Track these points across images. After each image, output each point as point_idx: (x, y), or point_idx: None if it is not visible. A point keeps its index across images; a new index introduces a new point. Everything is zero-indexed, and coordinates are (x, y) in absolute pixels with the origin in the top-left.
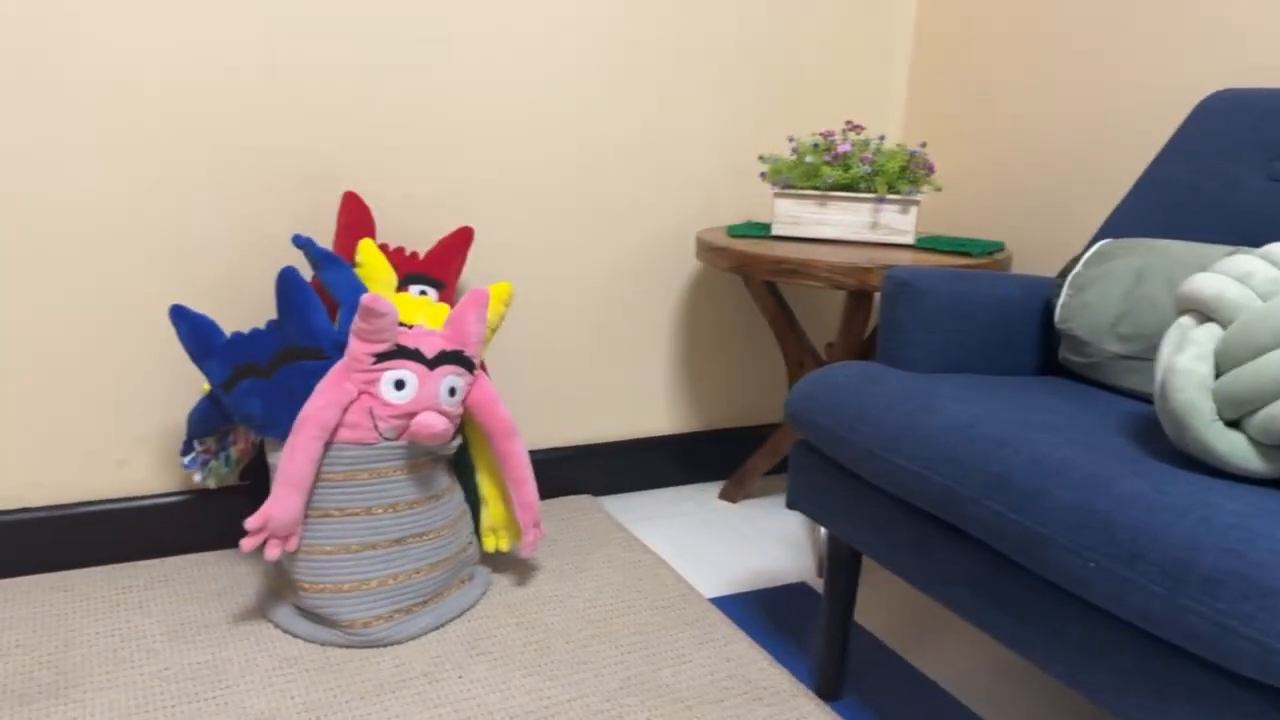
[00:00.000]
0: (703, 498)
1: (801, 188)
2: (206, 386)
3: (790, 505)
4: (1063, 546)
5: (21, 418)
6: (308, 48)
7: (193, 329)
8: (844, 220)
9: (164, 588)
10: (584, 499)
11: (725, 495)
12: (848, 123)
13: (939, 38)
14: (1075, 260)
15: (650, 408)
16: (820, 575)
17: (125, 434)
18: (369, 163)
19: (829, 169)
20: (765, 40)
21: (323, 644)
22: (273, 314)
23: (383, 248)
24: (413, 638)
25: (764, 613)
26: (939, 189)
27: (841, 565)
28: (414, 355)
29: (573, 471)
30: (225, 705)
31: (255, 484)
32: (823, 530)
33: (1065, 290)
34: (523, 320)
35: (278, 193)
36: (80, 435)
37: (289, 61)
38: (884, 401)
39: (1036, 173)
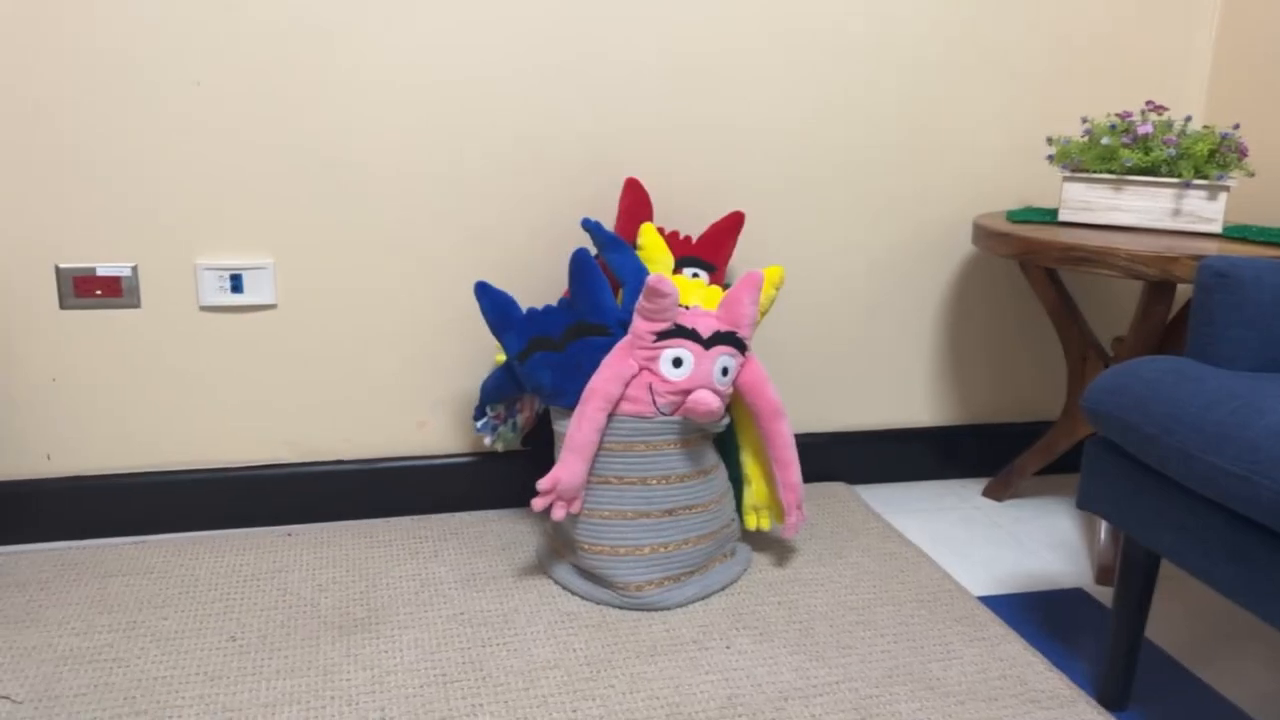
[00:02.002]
0: (965, 493)
1: (1095, 171)
2: (500, 357)
3: (1081, 505)
4: None
5: (341, 382)
6: (597, 44)
7: (494, 304)
8: (1142, 206)
9: (454, 540)
10: (839, 486)
11: (990, 493)
12: (1148, 103)
13: (1251, 3)
14: None
15: (913, 398)
16: (1099, 582)
17: (425, 399)
18: (649, 150)
19: (1127, 151)
20: (1050, 14)
21: (598, 603)
22: (556, 290)
23: (659, 231)
24: (680, 605)
25: (1036, 616)
26: (1251, 174)
27: (1136, 570)
28: (691, 335)
29: (829, 458)
30: (514, 651)
31: (536, 449)
32: (1103, 535)
33: None
34: (789, 304)
35: (565, 178)
36: (387, 399)
37: (579, 57)
38: (1202, 400)
39: None
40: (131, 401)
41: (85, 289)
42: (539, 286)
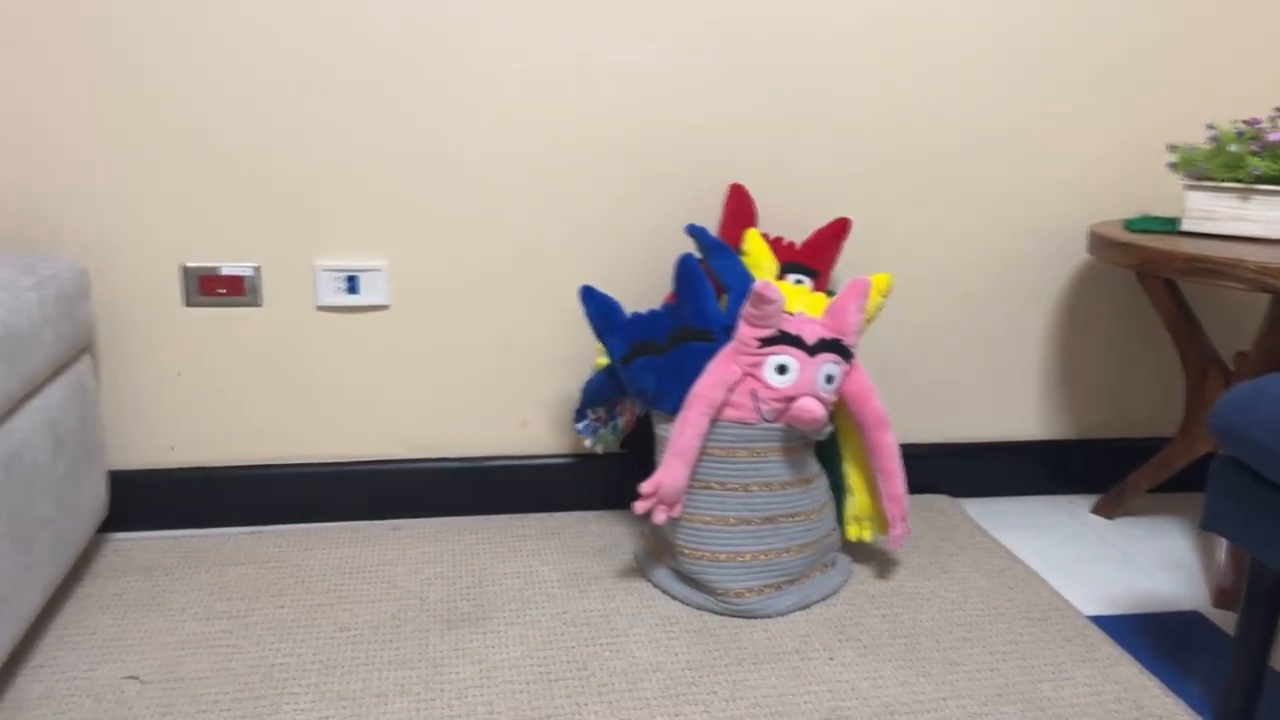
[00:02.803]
0: (1073, 509)
1: (1220, 180)
2: (601, 361)
3: (1207, 527)
4: None
5: (448, 381)
6: (704, 48)
7: (599, 308)
8: (1270, 216)
9: (555, 539)
10: (942, 499)
11: (1100, 510)
12: (1278, 108)
13: None
14: None
15: (1020, 410)
16: (1217, 605)
17: (528, 399)
18: (754, 155)
19: (1255, 159)
20: (1172, 15)
21: (698, 608)
22: (658, 295)
23: (763, 236)
24: (781, 614)
25: (1150, 638)
26: None
27: (1262, 595)
28: (796, 341)
29: (932, 470)
30: (617, 652)
31: (635, 452)
32: (1222, 557)
33: None
34: (895, 311)
35: (669, 183)
36: (491, 398)
37: (686, 62)
38: None
39: None
40: (251, 396)
41: (210, 287)
42: (642, 291)
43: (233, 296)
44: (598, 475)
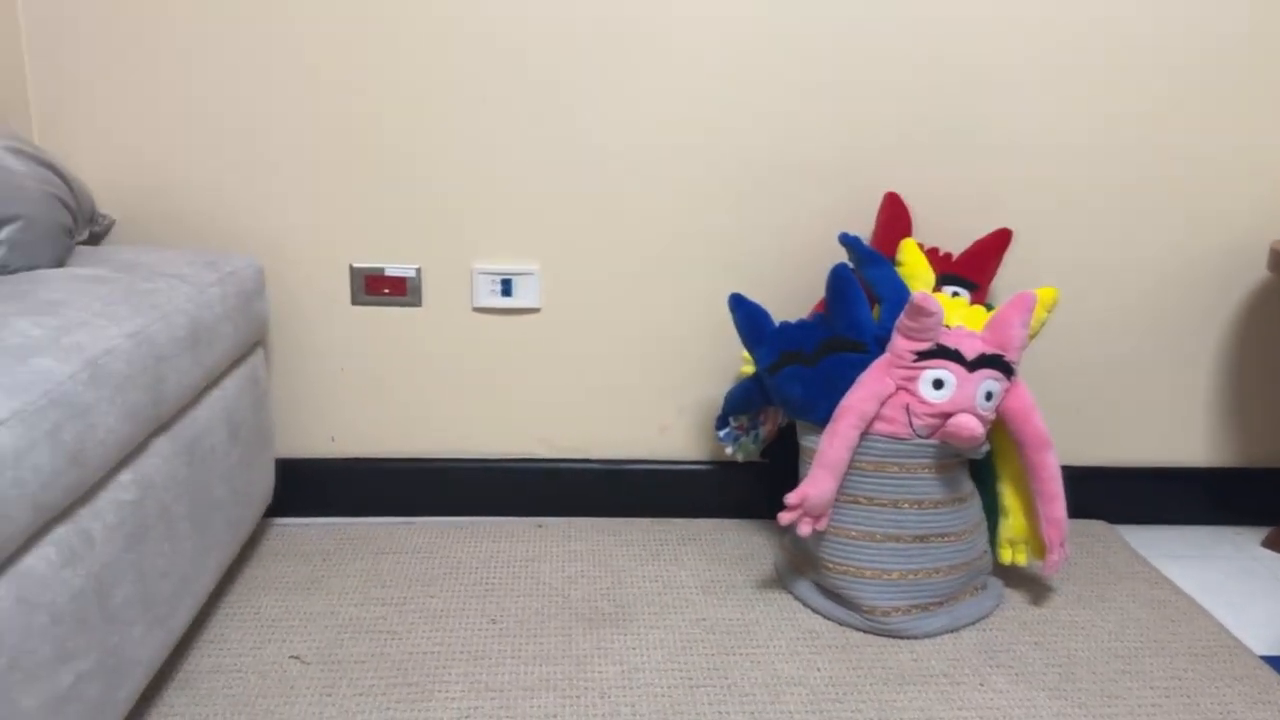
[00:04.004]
0: (1241, 542)
1: None
2: (746, 369)
3: None
4: None
5: (593, 383)
6: (856, 51)
7: (748, 316)
8: None
9: (693, 545)
10: (1098, 525)
11: (1271, 543)
12: None
13: None
14: None
15: (1187, 435)
16: None
17: (669, 404)
18: (910, 162)
19: None
20: None
21: (840, 623)
22: (806, 304)
23: (918, 246)
24: (928, 635)
25: None
26: None
27: None
28: (954, 356)
29: (1089, 494)
30: (757, 663)
31: (776, 462)
32: None
33: None
34: (1056, 327)
35: (820, 192)
36: (634, 402)
37: (838, 66)
38: None
39: None
40: (407, 392)
41: (375, 287)
42: (789, 300)
43: (395, 296)
44: (737, 483)
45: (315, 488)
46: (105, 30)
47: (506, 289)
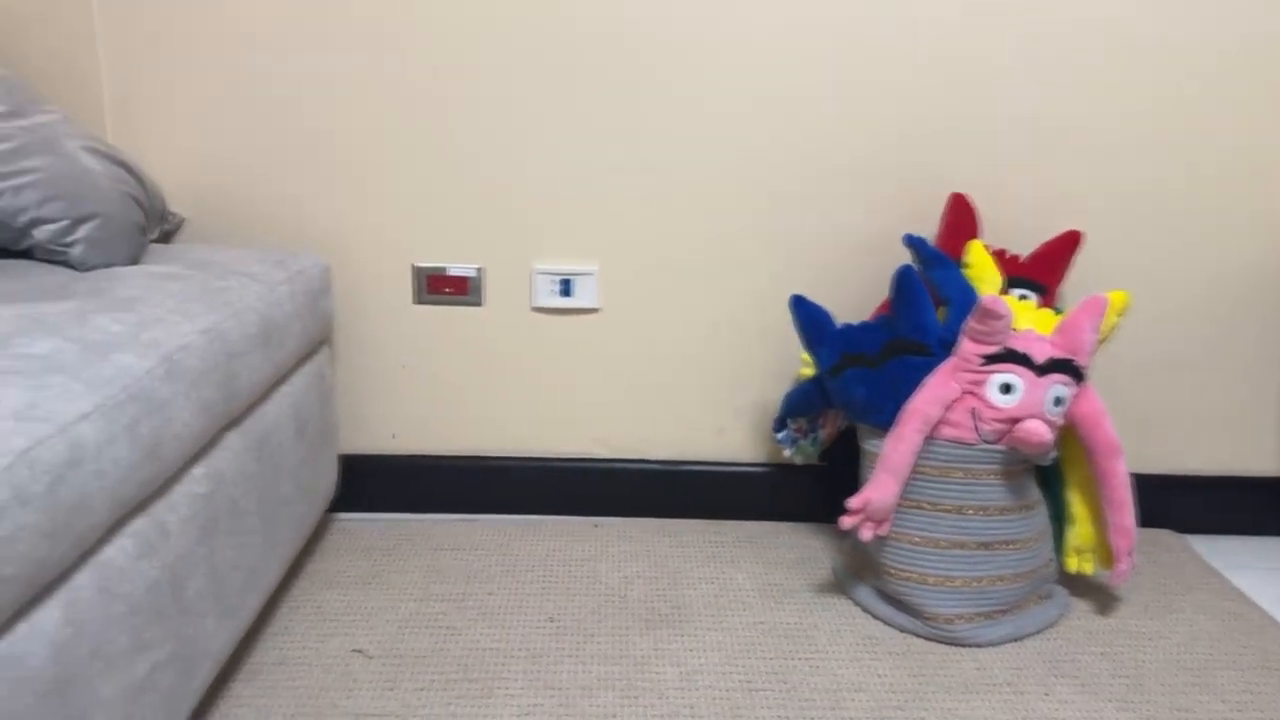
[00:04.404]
0: None
1: None
2: (805, 371)
3: None
4: None
5: (650, 384)
6: (915, 51)
7: (810, 317)
8: None
9: (749, 548)
10: (1166, 534)
11: None
12: None
13: None
14: None
15: (1261, 443)
16: None
17: (727, 406)
18: (975, 162)
19: None
20: None
21: (901, 630)
22: (868, 306)
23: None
24: (992, 644)
25: None
26: None
27: None
28: (1023, 360)
29: (1156, 502)
30: (817, 669)
31: (834, 466)
32: None
33: None
34: (1126, 331)
35: (883, 191)
36: (691, 403)
37: (901, 64)
38: None
39: None
40: (467, 391)
41: (437, 286)
42: (850, 301)
43: (457, 295)
44: (794, 486)
45: (376, 484)
46: (176, 31)
47: (566, 289)
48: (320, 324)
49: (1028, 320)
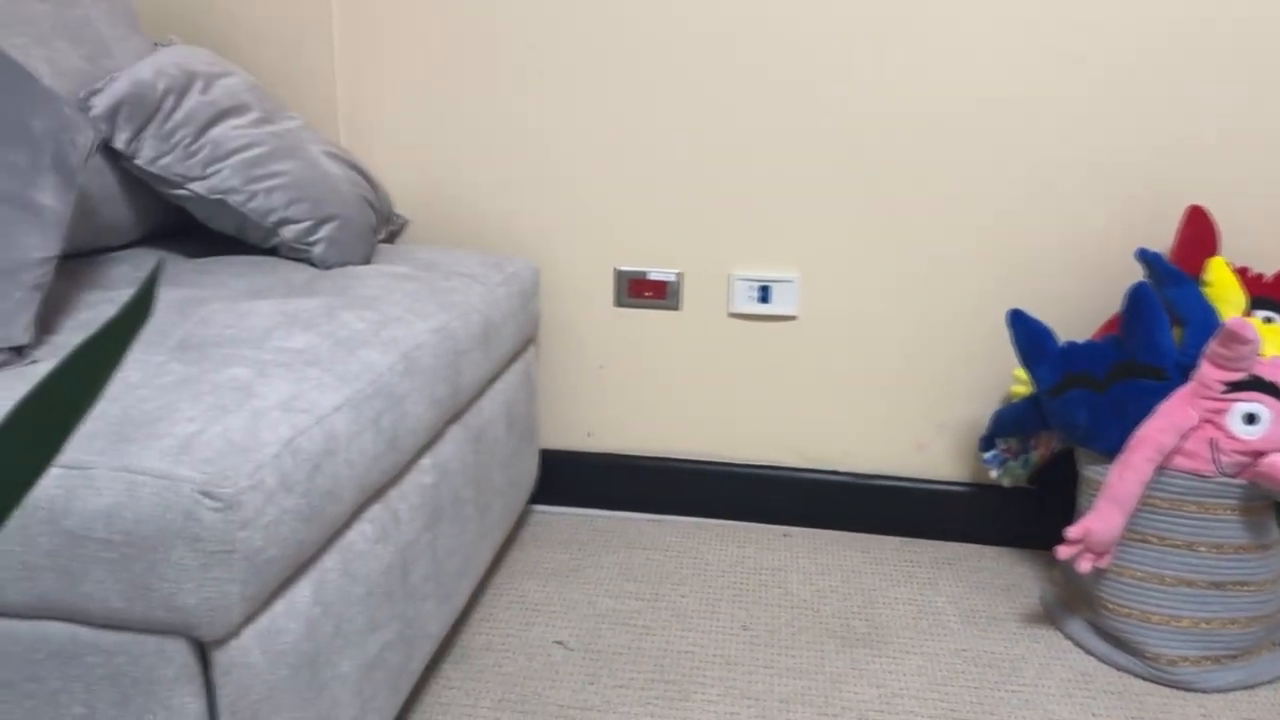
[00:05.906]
0: None
1: None
2: (1017, 389)
3: None
4: None
5: (847, 395)
6: (1156, 48)
7: (1029, 333)
8: None
9: (949, 570)
10: None
11: None
12: None
13: None
14: None
15: None
16: None
17: (928, 421)
18: (1215, 173)
19: None
20: None
21: (1119, 668)
22: (1091, 323)
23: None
24: (1219, 690)
25: None
26: None
27: None
28: (1271, 389)
29: None
30: (1026, 702)
31: (1045, 490)
32: None
33: None
34: None
35: (1112, 203)
36: (890, 416)
37: (1134, 63)
38: None
39: None
40: (662, 393)
41: (637, 290)
42: (1071, 318)
43: (656, 300)
44: (999, 509)
45: (571, 479)
46: (406, 39)
47: (764, 296)
48: (530, 324)
49: (1275, 346)
